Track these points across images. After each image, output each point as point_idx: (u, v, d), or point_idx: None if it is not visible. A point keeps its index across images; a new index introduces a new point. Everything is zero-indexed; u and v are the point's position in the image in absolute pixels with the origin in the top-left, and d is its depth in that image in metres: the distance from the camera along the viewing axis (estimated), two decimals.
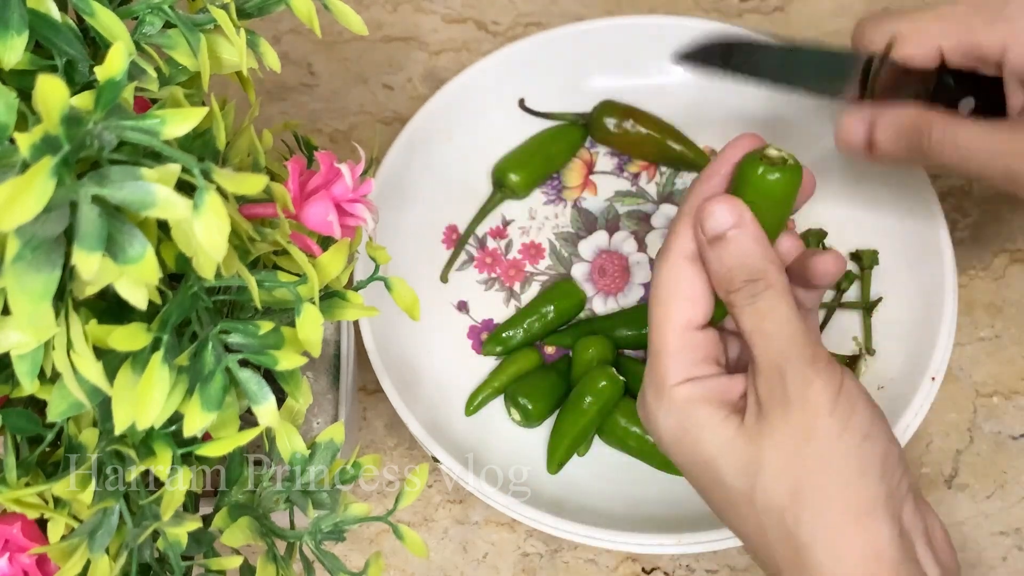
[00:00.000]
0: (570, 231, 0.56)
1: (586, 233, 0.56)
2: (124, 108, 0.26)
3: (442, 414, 0.50)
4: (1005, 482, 0.50)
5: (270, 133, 0.37)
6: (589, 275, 0.55)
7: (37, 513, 0.32)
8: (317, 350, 0.32)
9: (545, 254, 0.56)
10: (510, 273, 0.55)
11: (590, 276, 0.55)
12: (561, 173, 0.57)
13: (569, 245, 0.56)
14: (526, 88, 0.58)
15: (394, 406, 0.47)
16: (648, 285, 0.54)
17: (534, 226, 0.56)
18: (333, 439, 0.36)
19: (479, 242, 0.56)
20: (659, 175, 0.57)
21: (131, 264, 0.24)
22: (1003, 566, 0.48)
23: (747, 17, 0.63)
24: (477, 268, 0.55)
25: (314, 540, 0.36)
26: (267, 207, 0.32)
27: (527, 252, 0.56)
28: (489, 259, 0.56)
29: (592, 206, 0.57)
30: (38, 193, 0.22)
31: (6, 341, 0.26)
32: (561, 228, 0.56)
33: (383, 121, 0.62)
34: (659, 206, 0.56)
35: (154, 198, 0.24)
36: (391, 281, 0.37)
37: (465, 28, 0.64)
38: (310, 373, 0.48)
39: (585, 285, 0.55)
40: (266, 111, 0.62)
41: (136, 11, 0.32)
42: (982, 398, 0.52)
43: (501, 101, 0.58)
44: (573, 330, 0.53)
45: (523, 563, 0.50)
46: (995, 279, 0.55)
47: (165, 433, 0.32)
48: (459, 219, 0.56)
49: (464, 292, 0.55)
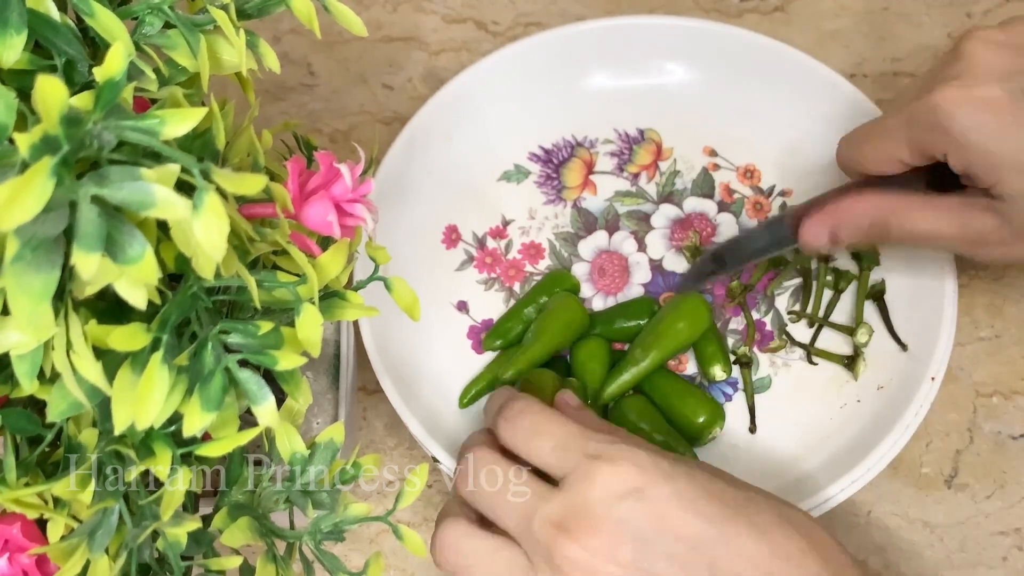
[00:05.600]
0: (570, 231, 0.56)
1: (586, 233, 0.56)
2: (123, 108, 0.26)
3: (442, 414, 0.50)
4: (1005, 482, 0.50)
5: (270, 133, 0.37)
6: (589, 275, 0.55)
7: (37, 513, 0.32)
8: (317, 350, 0.32)
9: (545, 254, 0.56)
10: (510, 273, 0.55)
11: (590, 276, 0.55)
12: (561, 173, 0.58)
13: (569, 245, 0.56)
14: (526, 88, 0.58)
15: (394, 406, 0.47)
16: (647, 285, 0.54)
17: (534, 226, 0.56)
18: (333, 439, 0.36)
19: (479, 242, 0.56)
20: (659, 175, 0.57)
21: (131, 264, 0.24)
22: (1003, 566, 0.48)
23: (747, 17, 0.63)
24: (477, 268, 0.55)
25: (314, 540, 0.36)
26: (267, 207, 0.32)
27: (527, 252, 0.56)
28: (489, 259, 0.56)
29: (592, 206, 0.57)
30: (38, 193, 0.22)
31: (6, 341, 0.26)
32: (561, 228, 0.56)
33: (383, 121, 0.62)
34: (659, 206, 0.56)
35: (154, 198, 0.24)
36: (391, 281, 0.37)
37: (465, 28, 0.64)
38: (310, 373, 0.48)
39: (585, 285, 0.55)
40: (266, 111, 0.62)
41: (136, 11, 0.32)
42: (982, 398, 0.52)
43: (501, 100, 0.58)
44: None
45: None
46: (995, 279, 0.55)
47: (165, 433, 0.32)
48: (459, 219, 0.56)
49: (464, 292, 0.55)
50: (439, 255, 0.56)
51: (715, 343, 0.51)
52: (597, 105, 0.59)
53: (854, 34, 0.63)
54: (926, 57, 0.62)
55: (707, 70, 0.58)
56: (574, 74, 0.58)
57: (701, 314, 0.50)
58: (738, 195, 0.56)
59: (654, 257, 0.55)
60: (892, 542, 0.49)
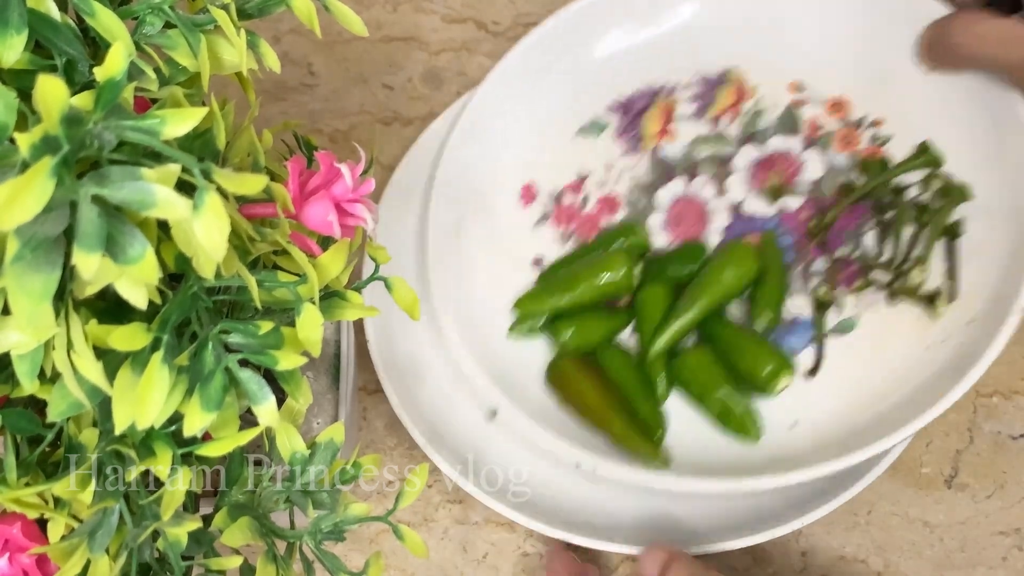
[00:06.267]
0: (647, 181, 0.55)
1: (664, 181, 0.55)
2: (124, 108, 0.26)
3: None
4: (1005, 482, 0.50)
5: (270, 133, 0.37)
6: (665, 224, 0.54)
7: (37, 513, 0.32)
8: (317, 350, 0.32)
9: (620, 207, 0.54)
10: (585, 227, 0.54)
11: (666, 225, 0.54)
12: (640, 122, 0.56)
13: (646, 195, 0.54)
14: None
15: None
16: (729, 228, 0.53)
17: (611, 178, 0.55)
18: (333, 439, 0.36)
19: (556, 198, 0.55)
20: (741, 116, 0.55)
21: (131, 264, 0.24)
22: (1003, 566, 0.48)
23: None
24: (554, 223, 0.55)
25: (314, 540, 0.36)
26: (267, 207, 0.32)
27: (604, 205, 0.55)
28: (566, 215, 0.55)
29: (671, 153, 0.55)
30: (38, 193, 0.22)
31: (6, 341, 0.26)
32: (639, 178, 0.55)
33: (383, 121, 0.62)
34: (740, 148, 0.54)
35: (154, 198, 0.24)
36: (391, 281, 0.37)
37: (465, 28, 0.64)
38: (310, 373, 0.48)
39: (660, 234, 0.53)
40: (266, 111, 0.62)
41: (136, 11, 0.32)
42: (982, 398, 0.52)
43: (580, 47, 0.57)
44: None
45: (523, 563, 0.50)
46: None
47: (165, 433, 0.32)
48: (537, 176, 0.56)
49: (541, 248, 0.54)
50: (517, 213, 0.55)
51: (768, 289, 0.49)
52: (680, 45, 0.56)
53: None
54: None
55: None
56: (655, 13, 0.56)
57: (747, 261, 0.49)
58: (824, 131, 0.53)
59: (735, 200, 0.53)
60: (892, 542, 0.49)
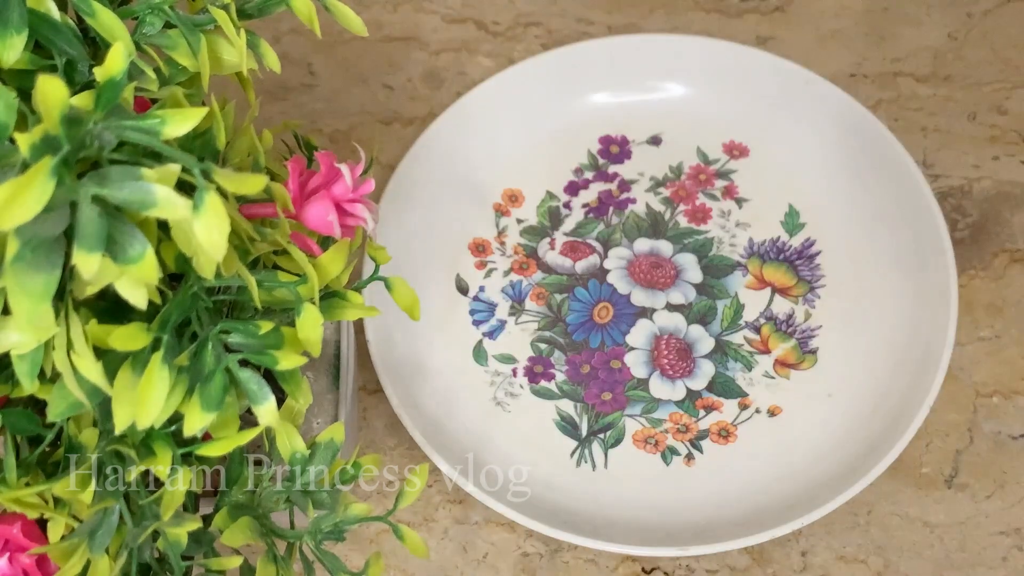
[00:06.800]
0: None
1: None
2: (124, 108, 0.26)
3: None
4: (1005, 482, 0.50)
5: (270, 133, 0.37)
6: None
7: (37, 513, 0.32)
8: (317, 350, 0.32)
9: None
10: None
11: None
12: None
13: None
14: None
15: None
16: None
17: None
18: (333, 439, 0.36)
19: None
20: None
21: (131, 264, 0.24)
22: (1003, 566, 0.48)
23: (747, 17, 0.63)
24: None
25: (314, 540, 0.36)
26: (267, 207, 0.32)
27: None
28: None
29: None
30: (38, 193, 0.22)
31: (6, 341, 0.26)
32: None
33: (383, 121, 0.62)
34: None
35: (154, 198, 0.24)
36: (391, 281, 0.37)
37: (465, 28, 0.64)
38: (310, 373, 0.48)
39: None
40: (266, 111, 0.62)
41: (136, 11, 0.32)
42: (982, 398, 0.52)
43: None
44: None
45: (523, 563, 0.50)
46: (995, 279, 0.55)
47: (165, 433, 0.32)
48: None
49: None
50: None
51: None
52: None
53: (854, 34, 0.63)
54: (926, 57, 0.61)
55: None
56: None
57: None
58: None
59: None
60: (892, 542, 0.49)
